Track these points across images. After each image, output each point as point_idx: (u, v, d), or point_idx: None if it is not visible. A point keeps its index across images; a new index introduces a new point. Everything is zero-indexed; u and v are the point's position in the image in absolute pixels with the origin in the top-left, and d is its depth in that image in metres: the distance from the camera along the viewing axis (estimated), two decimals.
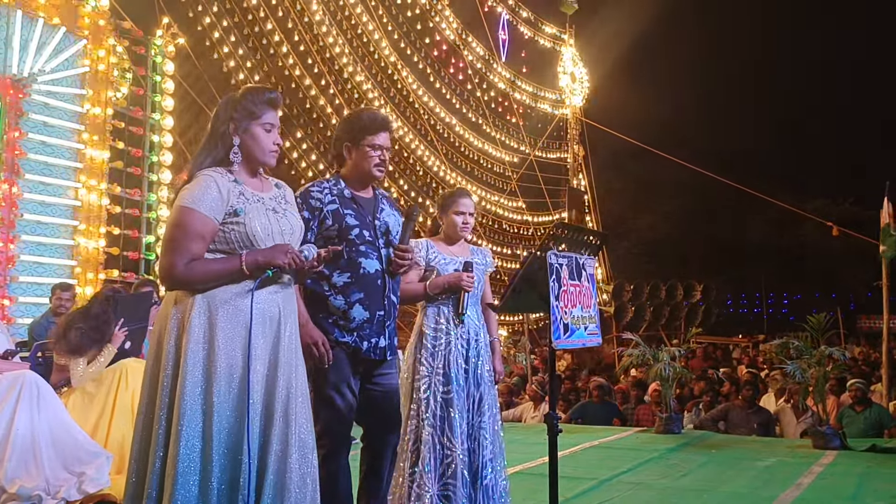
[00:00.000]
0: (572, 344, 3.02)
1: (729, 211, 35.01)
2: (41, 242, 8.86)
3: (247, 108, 2.55)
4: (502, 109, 22.46)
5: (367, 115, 3.16)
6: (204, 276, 2.42)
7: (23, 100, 8.69)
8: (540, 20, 23.59)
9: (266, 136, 2.58)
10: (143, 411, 2.45)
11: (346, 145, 3.12)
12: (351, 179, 3.13)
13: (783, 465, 5.52)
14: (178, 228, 2.42)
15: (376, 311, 3.02)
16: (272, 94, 2.62)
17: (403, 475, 3.41)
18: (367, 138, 3.07)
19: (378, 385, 3.11)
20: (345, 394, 2.98)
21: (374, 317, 3.02)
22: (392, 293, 3.10)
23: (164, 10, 10.95)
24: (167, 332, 2.43)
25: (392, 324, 3.10)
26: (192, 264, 2.40)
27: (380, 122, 3.12)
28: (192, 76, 12.12)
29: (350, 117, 3.24)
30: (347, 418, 3.01)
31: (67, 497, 3.98)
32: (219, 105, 2.63)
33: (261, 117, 2.57)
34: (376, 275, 3.03)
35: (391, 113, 18.29)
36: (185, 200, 2.44)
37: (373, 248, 3.04)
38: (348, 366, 2.99)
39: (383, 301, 3.04)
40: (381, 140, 3.09)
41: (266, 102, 2.58)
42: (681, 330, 21.10)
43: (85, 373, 4.66)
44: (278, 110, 2.63)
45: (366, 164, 3.08)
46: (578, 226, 8.12)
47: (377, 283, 3.02)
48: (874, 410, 7.32)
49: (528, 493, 4.36)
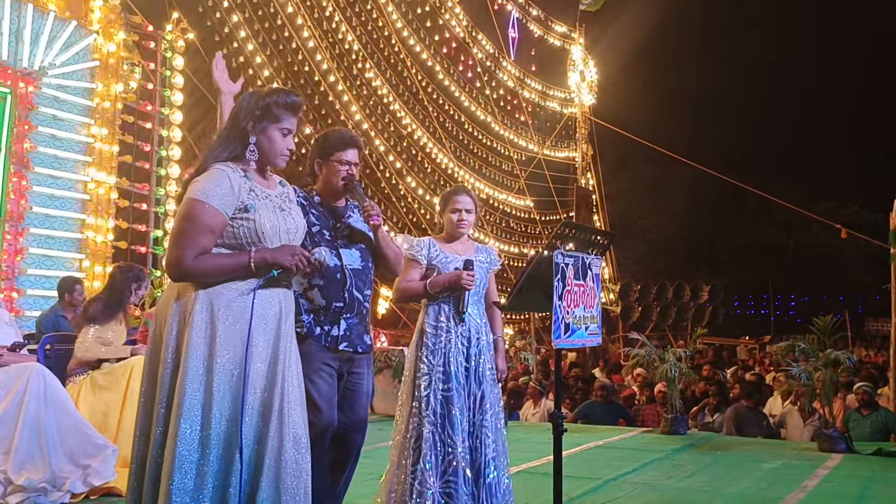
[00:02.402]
0: (572, 343, 3.05)
1: (737, 212, 34.95)
2: (50, 235, 8.90)
3: (269, 110, 2.57)
4: (511, 107, 22.45)
5: (335, 134, 3.40)
6: (212, 270, 2.42)
7: (33, 93, 8.72)
8: (550, 19, 23.56)
9: (282, 140, 2.61)
10: (142, 405, 2.46)
11: (317, 162, 3.35)
12: (323, 193, 3.34)
13: (788, 468, 5.51)
14: (188, 221, 2.42)
15: (333, 301, 3.18)
16: (295, 98, 2.63)
17: (405, 472, 3.41)
18: (335, 154, 3.29)
19: (347, 381, 3.26)
20: (318, 384, 3.09)
21: (331, 306, 3.18)
22: (355, 289, 3.23)
23: (175, 5, 10.99)
24: (167, 325, 2.43)
25: (353, 318, 3.23)
26: (200, 258, 2.41)
27: (347, 140, 3.34)
28: (201, 71, 12.13)
29: (321, 137, 3.46)
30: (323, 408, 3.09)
31: (73, 489, 4.00)
32: (242, 99, 2.63)
33: (281, 121, 2.59)
34: (335, 269, 3.18)
35: (400, 109, 18.31)
36: (197, 193, 2.44)
37: (331, 246, 3.20)
38: (318, 359, 3.12)
39: (342, 293, 3.19)
40: (349, 156, 3.30)
41: (287, 107, 2.60)
42: (687, 330, 21.08)
43: (93, 345, 4.73)
44: (297, 116, 2.66)
45: (334, 178, 3.29)
46: (585, 225, 8.10)
47: (336, 277, 3.18)
48: (881, 414, 7.29)
49: (532, 492, 4.35)
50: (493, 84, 21.43)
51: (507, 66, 21.89)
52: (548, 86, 23.66)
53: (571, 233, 3.14)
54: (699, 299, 25.27)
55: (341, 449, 3.24)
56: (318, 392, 3.08)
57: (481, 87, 20.81)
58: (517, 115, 22.50)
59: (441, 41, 19.67)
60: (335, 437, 3.22)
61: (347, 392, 3.25)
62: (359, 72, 17.05)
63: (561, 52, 24.32)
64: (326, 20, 15.93)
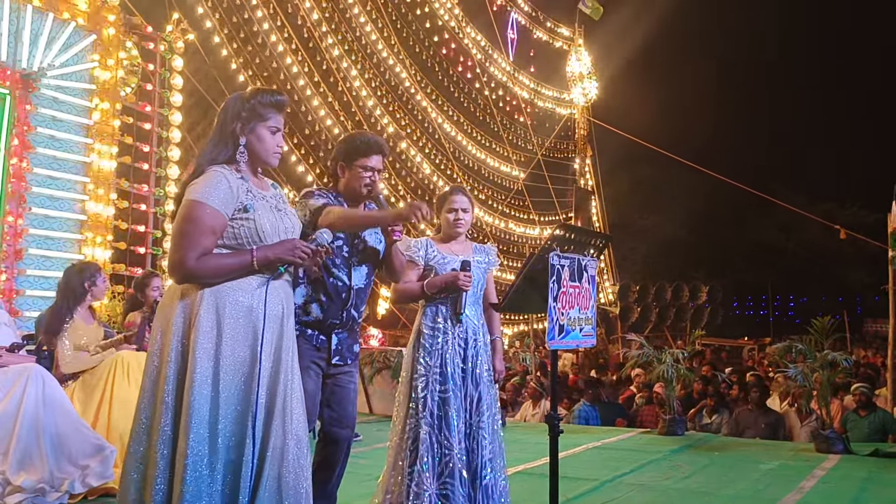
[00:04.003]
0: (566, 345, 3.06)
1: (736, 213, 34.95)
2: (49, 236, 8.90)
3: (255, 109, 2.59)
4: (510, 108, 22.44)
5: (361, 138, 3.34)
6: (215, 270, 2.44)
7: (32, 94, 8.73)
8: (549, 20, 23.56)
9: (272, 138, 2.63)
10: (145, 405, 2.45)
11: (340, 164, 3.32)
12: (344, 196, 3.31)
13: (786, 469, 5.51)
14: (189, 223, 2.44)
15: (330, 318, 3.19)
16: (280, 97, 2.66)
17: (402, 474, 3.42)
18: (359, 159, 3.26)
19: (335, 379, 3.26)
20: (305, 381, 3.06)
21: (327, 321, 3.19)
22: (353, 308, 3.25)
23: (174, 6, 11.00)
24: (171, 326, 2.44)
25: (344, 333, 3.25)
26: (203, 258, 2.42)
27: (373, 145, 3.29)
28: (200, 72, 12.16)
29: (346, 139, 3.41)
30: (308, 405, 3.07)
31: (71, 490, 4.00)
32: (227, 102, 2.66)
33: (268, 119, 2.61)
34: (343, 288, 3.21)
35: (397, 113, 18.30)
36: (197, 195, 2.45)
37: (346, 264, 3.22)
38: (307, 356, 3.12)
39: (341, 313, 3.21)
40: (373, 162, 3.27)
41: (273, 105, 2.62)
42: (686, 331, 21.08)
43: (74, 359, 4.66)
44: (284, 113, 2.67)
45: (357, 183, 3.26)
46: (581, 227, 8.11)
47: (341, 297, 3.21)
48: (878, 415, 7.30)
49: (529, 493, 4.36)
50: (493, 85, 21.43)
51: (506, 67, 21.88)
52: (547, 87, 23.66)
53: (567, 235, 3.15)
54: (698, 300, 25.29)
55: (330, 446, 3.25)
56: (304, 390, 3.10)
57: (480, 87, 20.81)
58: (516, 115, 22.49)
59: (440, 42, 19.67)
60: (324, 434, 3.25)
61: (336, 388, 3.25)
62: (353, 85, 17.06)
63: (560, 53, 24.33)
64: (314, 24, 15.95)
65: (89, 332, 4.86)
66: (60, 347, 4.68)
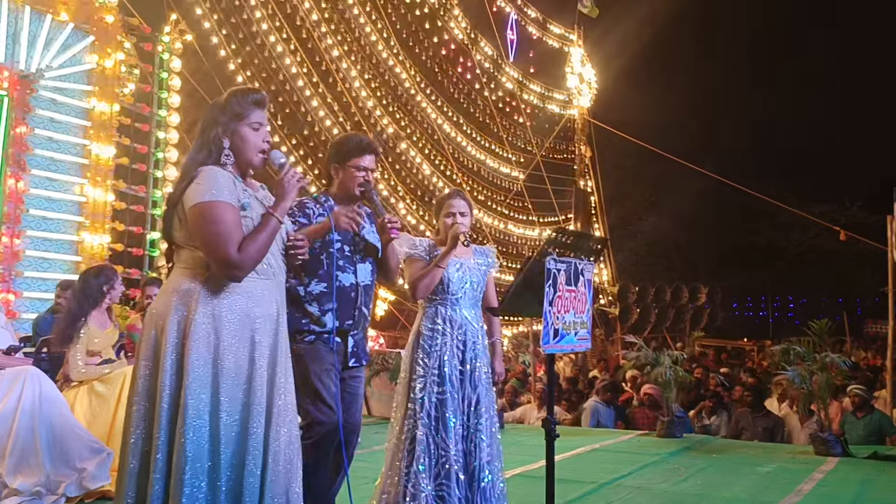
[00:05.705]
0: (561, 349, 3.07)
1: (736, 214, 34.89)
2: (46, 238, 8.90)
3: (232, 110, 2.57)
4: (510, 110, 22.42)
5: (353, 139, 3.42)
6: (258, 252, 2.45)
7: (30, 95, 8.72)
8: (548, 20, 23.55)
9: (254, 134, 2.60)
10: (137, 410, 2.39)
11: (333, 166, 3.39)
12: (338, 197, 3.35)
13: (784, 472, 5.51)
14: (214, 223, 2.40)
15: (345, 320, 3.28)
16: (258, 94, 2.64)
17: (399, 474, 3.43)
18: (352, 160, 3.32)
19: (347, 385, 3.33)
20: (328, 384, 3.15)
21: (343, 325, 3.27)
22: (363, 305, 3.32)
23: (173, 7, 10.99)
24: (167, 330, 2.39)
25: (359, 333, 3.33)
26: (242, 249, 2.41)
27: (365, 146, 3.36)
28: (199, 73, 12.15)
29: (339, 141, 3.47)
30: (334, 408, 3.13)
31: (68, 493, 4.00)
32: (207, 110, 2.64)
33: (247, 117, 2.58)
34: (351, 288, 3.28)
35: (400, 118, 18.31)
36: (208, 195, 2.42)
37: (350, 263, 3.30)
38: (327, 359, 3.18)
39: (353, 312, 3.30)
40: (366, 162, 3.33)
41: (252, 103, 2.60)
42: (686, 333, 21.07)
43: (87, 367, 4.58)
44: (265, 110, 2.65)
45: (351, 183, 3.32)
46: (579, 231, 8.10)
47: (350, 296, 3.28)
48: (875, 417, 7.29)
49: (528, 495, 4.35)
50: (493, 86, 21.42)
51: (506, 69, 21.88)
52: (547, 88, 23.65)
53: (564, 239, 3.15)
54: (697, 301, 25.25)
55: (339, 451, 3.25)
56: (328, 391, 3.13)
57: (480, 89, 20.80)
58: (516, 116, 22.47)
59: (440, 43, 19.67)
60: None
61: (346, 395, 3.30)
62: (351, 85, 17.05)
63: (559, 53, 24.31)
64: (313, 23, 15.93)
65: (104, 337, 4.77)
66: (73, 354, 4.56)
